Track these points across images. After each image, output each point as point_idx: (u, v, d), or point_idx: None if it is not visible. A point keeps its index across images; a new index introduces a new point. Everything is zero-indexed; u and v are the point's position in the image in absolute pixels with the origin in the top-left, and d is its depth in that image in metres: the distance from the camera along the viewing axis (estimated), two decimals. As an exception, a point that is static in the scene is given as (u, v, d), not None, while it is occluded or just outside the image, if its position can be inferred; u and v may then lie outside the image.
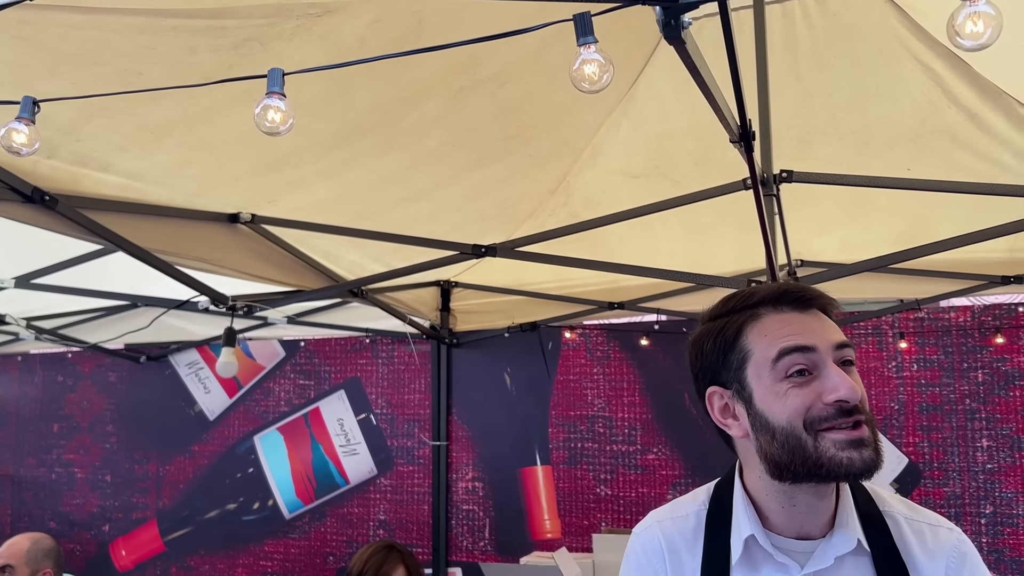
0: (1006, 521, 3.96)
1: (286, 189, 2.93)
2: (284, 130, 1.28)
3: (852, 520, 1.26)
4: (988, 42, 1.06)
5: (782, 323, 1.22)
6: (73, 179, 2.46)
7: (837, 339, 1.20)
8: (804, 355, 1.18)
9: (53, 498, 5.85)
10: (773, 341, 1.21)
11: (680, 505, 1.40)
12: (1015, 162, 2.89)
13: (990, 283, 3.63)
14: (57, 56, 1.88)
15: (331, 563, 5.13)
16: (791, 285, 1.25)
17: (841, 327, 1.26)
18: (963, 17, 1.05)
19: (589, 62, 1.16)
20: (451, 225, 3.38)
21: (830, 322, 1.24)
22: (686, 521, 1.35)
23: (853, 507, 1.28)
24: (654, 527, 1.38)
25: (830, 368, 1.17)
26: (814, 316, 1.23)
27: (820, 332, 1.20)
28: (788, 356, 1.19)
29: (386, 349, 5.15)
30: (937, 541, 1.28)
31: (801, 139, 2.94)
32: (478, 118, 2.72)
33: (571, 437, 4.72)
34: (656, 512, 1.43)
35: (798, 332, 1.20)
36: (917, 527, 1.30)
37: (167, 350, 5.58)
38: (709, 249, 3.68)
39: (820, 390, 1.17)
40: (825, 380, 1.17)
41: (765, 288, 1.27)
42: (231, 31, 1.91)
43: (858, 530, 1.25)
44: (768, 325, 1.23)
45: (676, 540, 1.34)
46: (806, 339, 1.19)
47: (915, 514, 1.32)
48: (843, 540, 1.24)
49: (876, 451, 1.16)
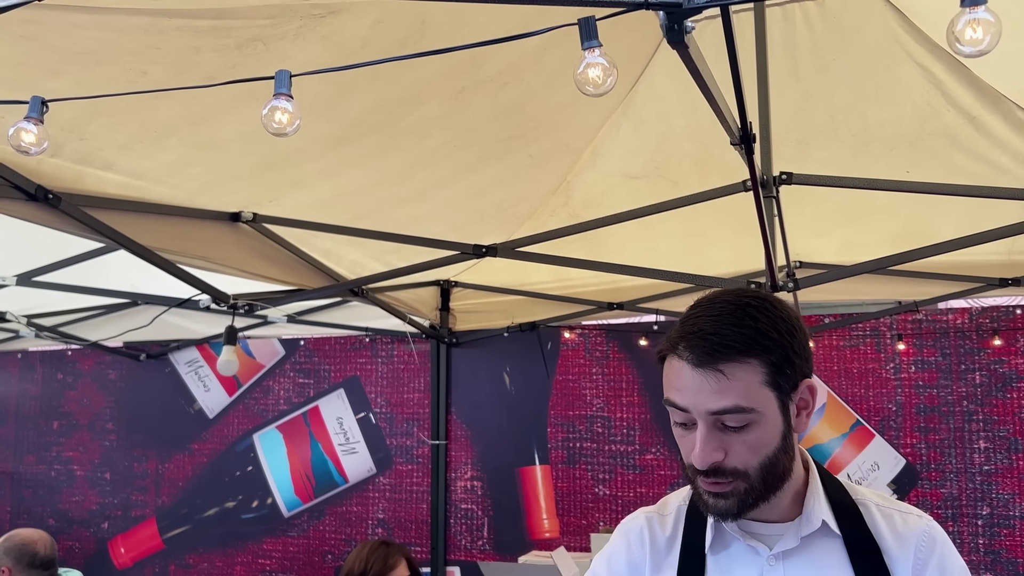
0: (1003, 523, 3.98)
1: (287, 188, 2.94)
2: (291, 131, 1.29)
3: (818, 505, 1.30)
4: (987, 48, 1.06)
5: (673, 374, 1.23)
6: (76, 177, 2.47)
7: (713, 407, 1.19)
8: (681, 413, 1.22)
9: (52, 495, 5.85)
10: (667, 386, 1.25)
11: (666, 504, 1.45)
12: (1014, 165, 2.90)
13: (988, 285, 3.65)
14: (61, 55, 1.89)
15: (329, 561, 5.14)
16: (699, 335, 1.20)
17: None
18: (963, 23, 1.06)
19: (593, 66, 1.17)
20: (451, 225, 3.39)
21: (723, 383, 1.18)
22: (668, 519, 1.42)
23: (821, 493, 1.32)
24: (640, 517, 1.45)
25: (697, 432, 1.21)
26: (702, 375, 1.19)
27: (698, 396, 1.19)
28: (671, 407, 1.24)
29: (385, 348, 5.16)
30: (907, 526, 1.32)
31: (800, 141, 2.95)
32: (479, 118, 2.73)
33: (570, 437, 4.74)
34: (646, 508, 1.48)
35: (679, 389, 1.22)
36: (887, 512, 1.33)
37: (167, 348, 5.59)
38: (708, 250, 3.69)
39: (692, 445, 1.22)
40: (693, 438, 1.22)
41: (691, 323, 1.23)
42: (235, 31, 1.92)
43: (824, 513, 1.30)
44: (667, 369, 1.25)
45: (658, 533, 1.40)
46: (682, 400, 1.21)
47: (886, 503, 1.36)
48: (808, 521, 1.29)
49: (739, 502, 1.22)
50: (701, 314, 1.24)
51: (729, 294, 1.27)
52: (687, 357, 1.20)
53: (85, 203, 2.54)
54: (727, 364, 1.18)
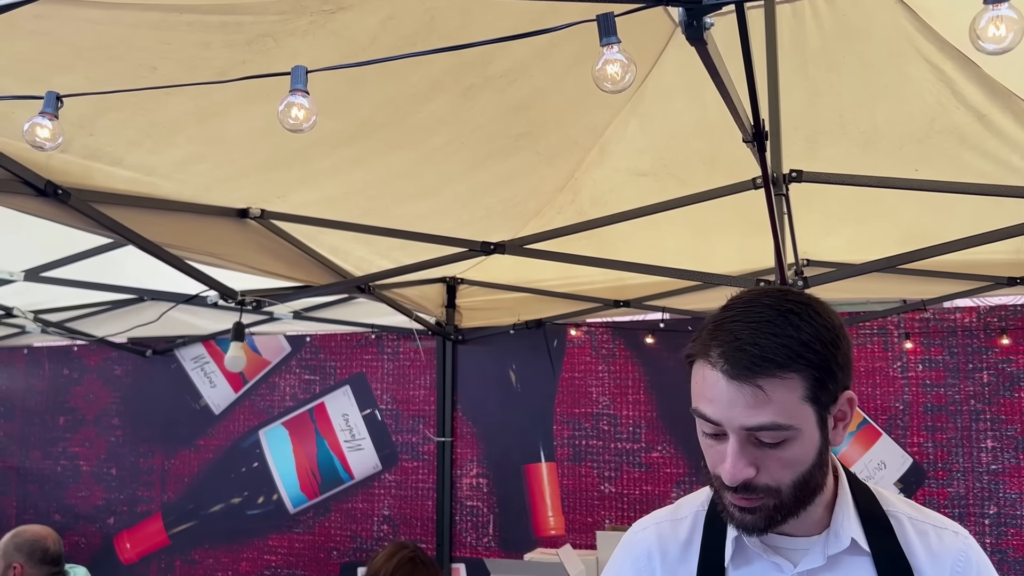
0: (1010, 522, 3.97)
1: (295, 185, 2.95)
2: (307, 127, 1.28)
3: (848, 520, 1.23)
4: (1011, 46, 1.04)
5: (704, 383, 1.15)
6: (85, 173, 2.47)
7: (748, 423, 1.11)
8: (712, 425, 1.15)
9: (58, 491, 5.87)
10: (696, 395, 1.18)
11: (681, 507, 1.38)
12: (1023, 164, 2.89)
13: (996, 284, 3.63)
14: (72, 50, 1.89)
15: (335, 558, 5.15)
16: (738, 347, 1.11)
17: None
18: (986, 20, 1.04)
19: (612, 62, 1.16)
20: (458, 222, 3.39)
21: (760, 397, 1.10)
22: (683, 523, 1.35)
23: (852, 507, 1.25)
24: (650, 529, 1.37)
25: (728, 446, 1.13)
26: (737, 389, 1.10)
27: (732, 410, 1.11)
28: (700, 417, 1.17)
29: (391, 345, 5.17)
30: (942, 544, 1.25)
31: (809, 139, 2.94)
32: (487, 115, 2.73)
33: (576, 434, 4.73)
34: (658, 512, 1.41)
35: (711, 401, 1.13)
36: (921, 527, 1.26)
37: (173, 344, 5.60)
38: (715, 248, 3.68)
39: (720, 457, 1.15)
40: (723, 450, 1.15)
41: (728, 330, 1.14)
42: (245, 27, 1.92)
43: (853, 529, 1.23)
44: (698, 375, 1.17)
45: (670, 544, 1.33)
46: (714, 413, 1.13)
47: (920, 515, 1.28)
48: (836, 539, 1.22)
49: (767, 517, 1.15)
50: (737, 318, 1.14)
51: (769, 296, 1.16)
52: (721, 367, 1.11)
53: (94, 199, 2.55)
54: (766, 380, 1.09)
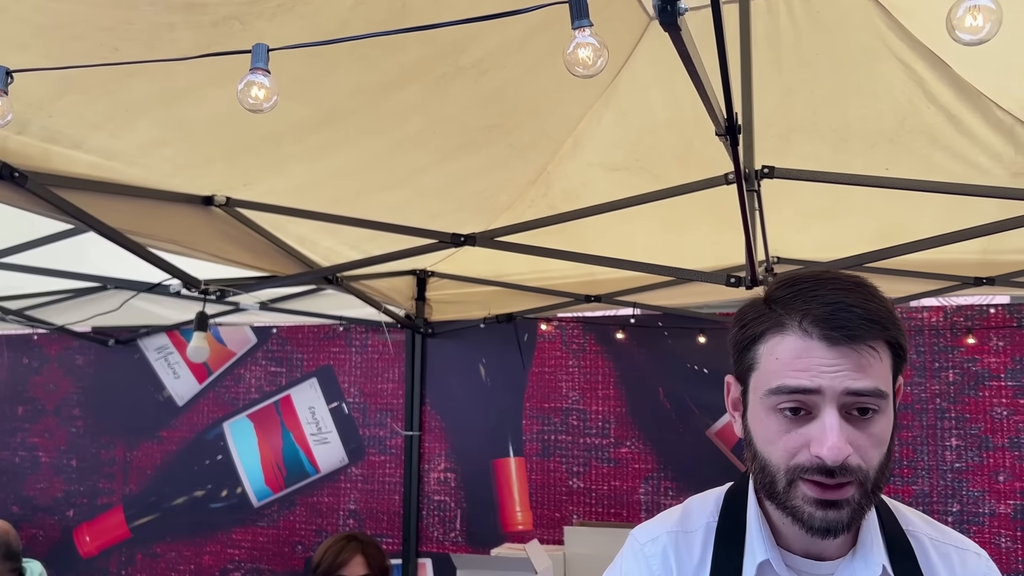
0: (972, 520, 4.02)
1: (262, 172, 2.89)
2: (268, 107, 1.24)
3: (876, 543, 1.15)
4: (987, 37, 1.03)
5: (798, 352, 1.05)
6: (44, 156, 2.41)
7: (852, 386, 1.02)
8: (804, 396, 1.04)
9: (16, 482, 5.75)
10: (779, 371, 1.06)
11: (690, 516, 1.26)
12: (991, 164, 2.91)
13: (963, 284, 3.67)
14: (29, 28, 1.83)
15: (299, 552, 5.09)
16: (836, 311, 1.04)
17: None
18: (963, 10, 1.03)
19: (584, 46, 1.14)
20: (429, 214, 3.35)
21: (865, 360, 1.03)
22: (695, 537, 1.23)
23: (878, 527, 1.17)
24: (663, 539, 1.24)
25: (826, 417, 1.03)
26: (841, 353, 1.03)
27: (835, 373, 1.03)
28: (785, 395, 1.05)
29: (360, 338, 5.12)
30: (966, 568, 1.19)
31: (782, 136, 2.95)
32: (459, 105, 2.70)
33: (545, 429, 4.72)
34: (666, 521, 1.28)
35: (807, 370, 1.04)
36: (944, 550, 1.20)
37: (136, 334, 5.51)
38: (686, 244, 3.68)
39: (809, 437, 1.04)
40: (816, 427, 1.04)
41: (812, 297, 1.06)
42: (211, 8, 1.87)
43: (883, 555, 1.14)
44: (784, 348, 1.07)
45: (684, 558, 1.22)
46: (812, 380, 1.03)
47: (941, 535, 1.22)
48: (866, 565, 1.13)
49: (852, 512, 1.06)
50: (816, 289, 1.07)
51: (829, 273, 1.10)
52: (819, 334, 1.03)
53: (53, 183, 2.48)
54: (871, 343, 1.03)
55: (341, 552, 2.91)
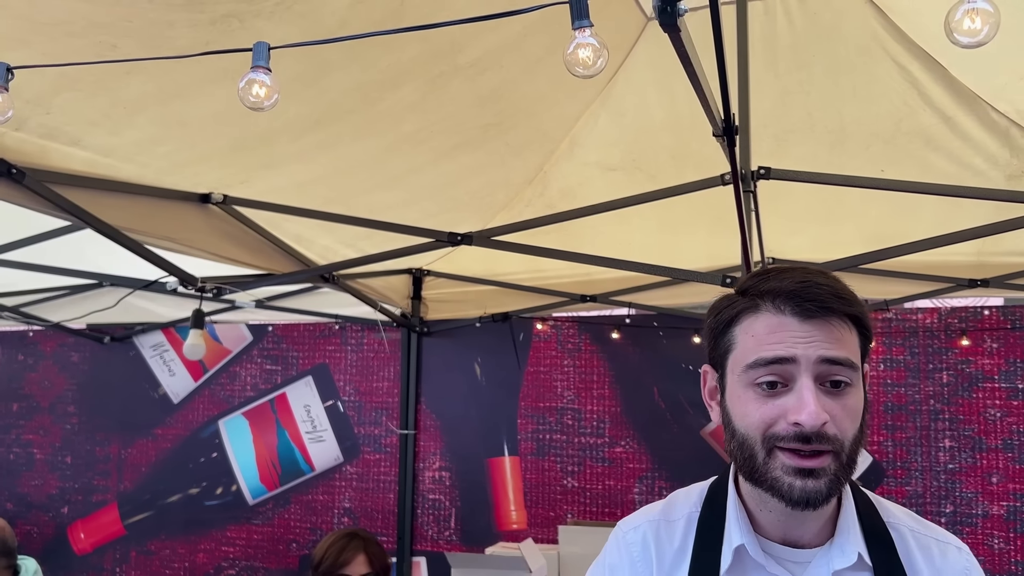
0: (965, 521, 4.03)
1: (259, 170, 2.89)
2: (268, 105, 1.25)
3: (853, 531, 1.18)
4: (985, 40, 1.04)
5: (772, 327, 1.11)
6: (41, 152, 2.40)
7: (825, 354, 1.07)
8: (780, 366, 1.09)
9: (10, 479, 5.74)
10: (755, 346, 1.11)
11: (674, 507, 1.30)
12: (986, 166, 2.93)
13: (957, 286, 3.68)
14: (28, 24, 1.83)
15: (294, 550, 5.09)
16: (806, 287, 1.10)
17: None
18: (961, 13, 1.03)
19: (584, 46, 1.14)
20: (425, 212, 3.36)
21: (836, 333, 1.10)
22: (677, 526, 1.27)
23: (855, 516, 1.19)
24: (644, 527, 1.28)
25: (802, 386, 1.07)
26: (813, 326, 1.09)
27: (808, 343, 1.08)
28: (762, 367, 1.10)
29: (355, 336, 5.12)
30: (946, 561, 1.20)
31: (777, 137, 2.96)
32: (456, 104, 2.70)
33: (539, 428, 4.73)
34: (649, 511, 1.32)
35: (783, 341, 1.09)
36: (924, 542, 1.22)
37: (132, 331, 5.50)
38: (682, 244, 3.69)
39: (786, 407, 1.08)
40: (792, 397, 1.08)
41: (782, 278, 1.13)
42: (209, 6, 1.88)
43: (860, 543, 1.17)
44: (759, 325, 1.12)
45: (664, 545, 1.25)
46: (787, 350, 1.08)
47: (921, 527, 1.24)
48: (842, 553, 1.16)
49: (830, 483, 1.08)
50: (784, 276, 1.13)
51: (796, 265, 1.18)
52: (791, 311, 1.10)
53: (50, 179, 2.48)
54: (839, 316, 1.10)
55: (344, 551, 2.86)
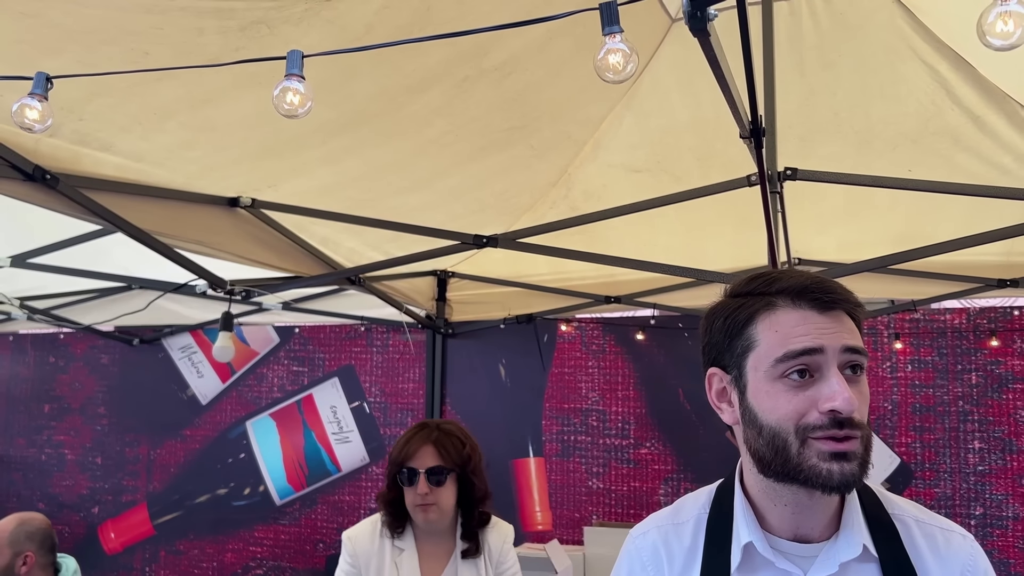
0: (995, 523, 3.99)
1: (287, 174, 2.92)
2: (303, 113, 1.26)
3: (858, 523, 1.20)
4: (1018, 42, 1.03)
5: (795, 321, 1.14)
6: (74, 158, 2.45)
7: (848, 343, 1.12)
8: (809, 357, 1.12)
9: (42, 479, 5.83)
10: (782, 340, 1.14)
11: (682, 510, 1.34)
12: (1016, 166, 2.90)
13: (986, 286, 3.64)
14: (63, 33, 1.86)
15: (321, 550, 5.13)
16: (816, 282, 1.16)
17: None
18: (994, 15, 1.03)
19: (614, 52, 1.15)
20: (451, 215, 3.37)
21: (849, 324, 1.15)
22: (686, 528, 1.30)
23: (859, 509, 1.22)
24: (652, 532, 1.32)
25: (832, 374, 1.11)
26: (831, 318, 1.15)
27: (832, 333, 1.13)
28: (793, 359, 1.12)
29: (381, 337, 5.15)
30: (950, 548, 1.22)
31: (803, 137, 2.94)
32: (481, 108, 2.71)
33: (564, 430, 4.73)
34: (658, 516, 1.35)
35: (809, 333, 1.13)
36: (928, 531, 1.23)
37: (160, 333, 5.57)
38: (707, 245, 3.68)
39: (817, 397, 1.11)
40: (824, 386, 1.11)
41: (789, 277, 1.18)
42: (239, 13, 1.90)
43: (864, 535, 1.19)
44: (781, 320, 1.15)
45: (674, 548, 1.28)
46: (815, 340, 1.12)
47: (926, 517, 1.26)
48: (848, 545, 1.18)
49: (860, 465, 1.11)
50: (785, 276, 1.19)
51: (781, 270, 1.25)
52: (808, 305, 1.15)
53: (83, 184, 2.52)
54: (851, 309, 1.16)
55: (409, 441, 2.58)
